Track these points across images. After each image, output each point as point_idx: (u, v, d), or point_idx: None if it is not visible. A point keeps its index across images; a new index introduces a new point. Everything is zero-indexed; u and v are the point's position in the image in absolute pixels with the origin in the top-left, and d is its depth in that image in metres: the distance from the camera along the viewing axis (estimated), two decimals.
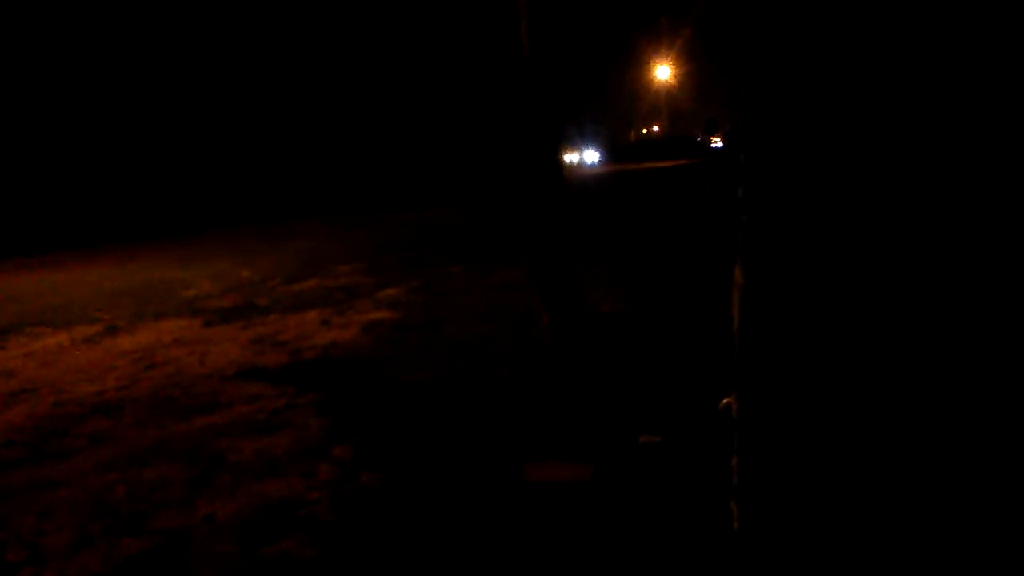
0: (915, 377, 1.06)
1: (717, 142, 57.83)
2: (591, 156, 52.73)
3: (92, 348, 6.31)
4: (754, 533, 1.22)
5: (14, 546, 2.89)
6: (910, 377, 1.07)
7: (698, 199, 15.84)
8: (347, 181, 30.27)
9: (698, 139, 61.12)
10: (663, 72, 63.59)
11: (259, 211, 24.80)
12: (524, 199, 8.98)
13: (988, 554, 1.06)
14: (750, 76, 1.11)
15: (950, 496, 1.07)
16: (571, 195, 6.80)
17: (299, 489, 3.19)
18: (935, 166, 1.02)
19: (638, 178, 29.24)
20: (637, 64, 64.53)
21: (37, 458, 3.82)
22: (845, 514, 1.12)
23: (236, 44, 28.66)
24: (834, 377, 1.10)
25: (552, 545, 2.57)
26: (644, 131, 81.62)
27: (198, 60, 27.75)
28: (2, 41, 22.81)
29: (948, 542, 1.07)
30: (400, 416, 4.00)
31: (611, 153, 57.94)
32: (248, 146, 29.28)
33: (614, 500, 2.83)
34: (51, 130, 24.10)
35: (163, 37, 26.78)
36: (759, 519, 1.21)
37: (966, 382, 1.05)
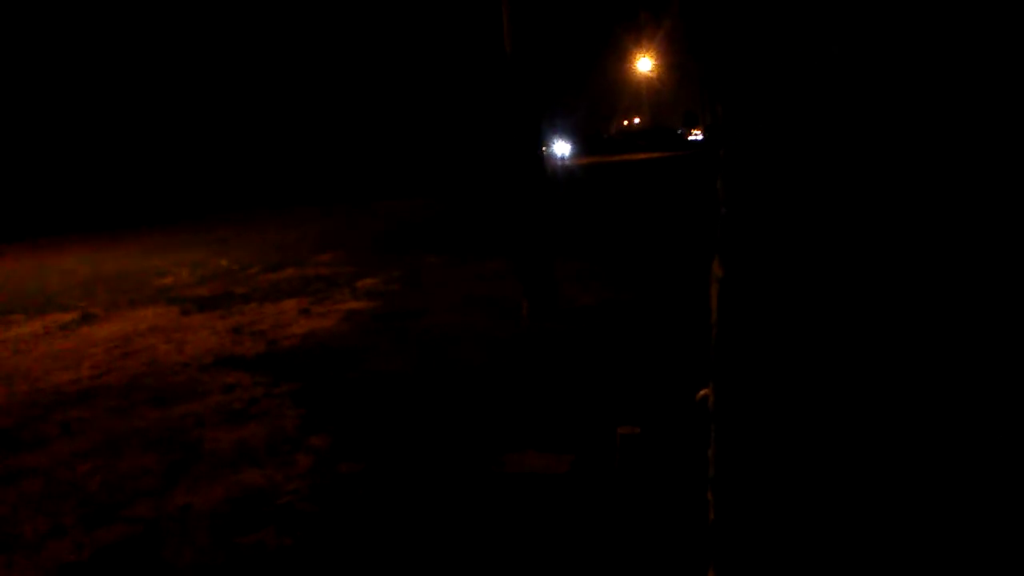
0: (889, 368, 1.08)
1: (696, 134, 58.04)
2: (562, 148, 52.05)
3: (67, 336, 6.24)
4: (729, 522, 1.23)
5: None
6: (884, 369, 1.08)
7: (676, 192, 15.89)
8: (326, 172, 30.09)
9: (678, 131, 61.33)
10: (644, 64, 63.51)
11: (240, 201, 24.60)
12: (504, 192, 8.97)
13: (951, 540, 1.08)
14: (728, 72, 1.11)
15: (921, 486, 1.08)
16: (551, 188, 6.80)
17: (276, 479, 3.18)
18: (906, 164, 1.04)
19: (613, 171, 29.25)
20: (618, 56, 64.42)
21: (11, 447, 3.78)
22: (817, 503, 1.13)
23: (212, 35, 28.34)
24: (809, 369, 1.11)
25: (530, 536, 2.58)
26: (625, 123, 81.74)
27: (172, 54, 27.40)
28: None
29: (918, 529, 1.09)
30: (378, 406, 4.00)
31: (586, 145, 57.57)
32: (227, 137, 28.99)
33: (592, 491, 2.85)
34: (24, 116, 23.72)
35: (135, 28, 26.41)
36: (734, 509, 1.22)
37: (938, 375, 1.07)
